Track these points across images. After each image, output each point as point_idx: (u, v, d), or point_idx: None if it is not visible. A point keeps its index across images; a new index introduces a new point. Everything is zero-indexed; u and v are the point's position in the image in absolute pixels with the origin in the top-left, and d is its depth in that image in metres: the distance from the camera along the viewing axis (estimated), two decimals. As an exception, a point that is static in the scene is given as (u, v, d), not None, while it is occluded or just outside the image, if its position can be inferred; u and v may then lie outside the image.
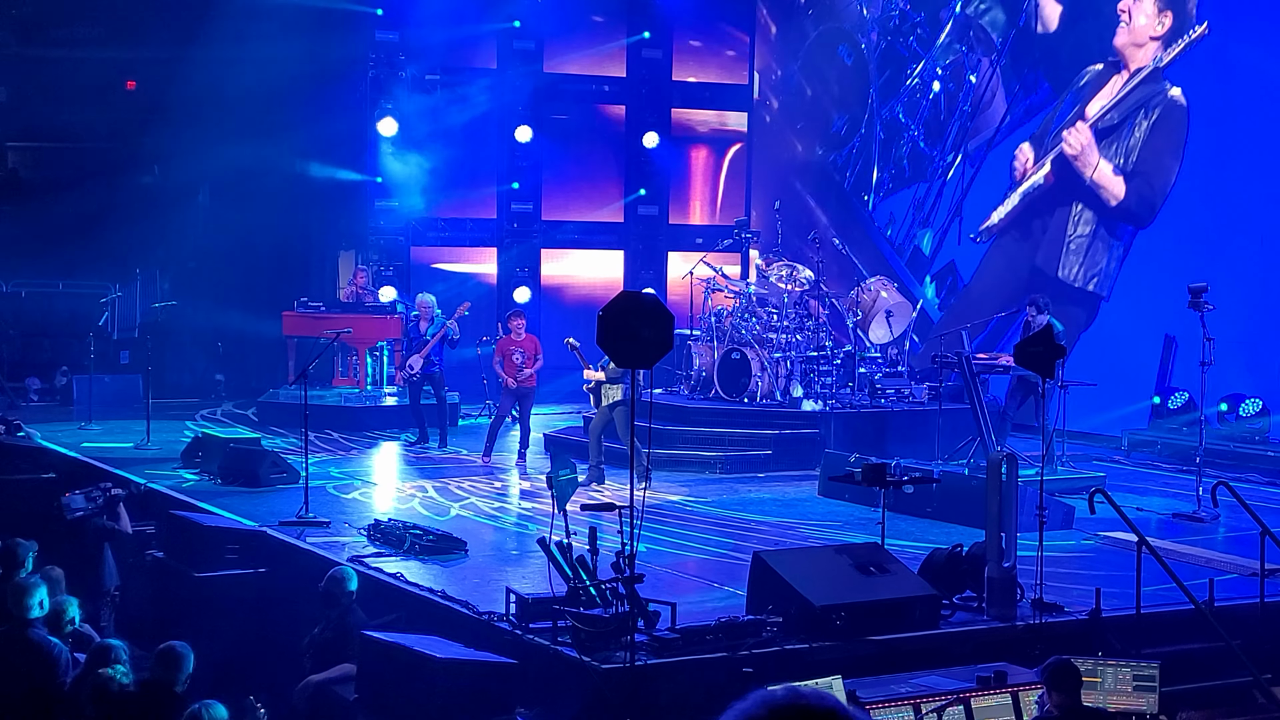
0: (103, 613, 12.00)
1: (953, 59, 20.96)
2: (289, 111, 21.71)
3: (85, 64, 25.98)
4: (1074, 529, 12.88)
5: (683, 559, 11.77)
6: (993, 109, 20.29)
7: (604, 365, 14.99)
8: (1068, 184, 19.11)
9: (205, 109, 21.99)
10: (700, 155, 25.00)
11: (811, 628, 9.15)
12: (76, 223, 24.62)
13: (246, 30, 21.50)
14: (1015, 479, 10.16)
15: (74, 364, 21.43)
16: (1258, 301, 16.68)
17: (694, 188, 25.12)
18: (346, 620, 9.89)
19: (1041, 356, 10.32)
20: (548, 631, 9.12)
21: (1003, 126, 20.12)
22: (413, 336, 17.87)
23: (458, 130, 22.16)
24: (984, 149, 20.41)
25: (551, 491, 9.97)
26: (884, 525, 10.59)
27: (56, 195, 26.20)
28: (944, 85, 21.04)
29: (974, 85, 20.55)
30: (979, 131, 20.50)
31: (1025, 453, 13.36)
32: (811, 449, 16.11)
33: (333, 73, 22.14)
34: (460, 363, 20.13)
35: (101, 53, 25.92)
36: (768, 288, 17.72)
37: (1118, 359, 18.10)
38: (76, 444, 16.88)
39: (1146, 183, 18.23)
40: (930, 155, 21.33)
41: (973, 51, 20.57)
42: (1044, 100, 19.63)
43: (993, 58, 20.25)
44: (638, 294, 9.02)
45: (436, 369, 17.51)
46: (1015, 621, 9.74)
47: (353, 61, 22.33)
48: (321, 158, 22.27)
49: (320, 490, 14.03)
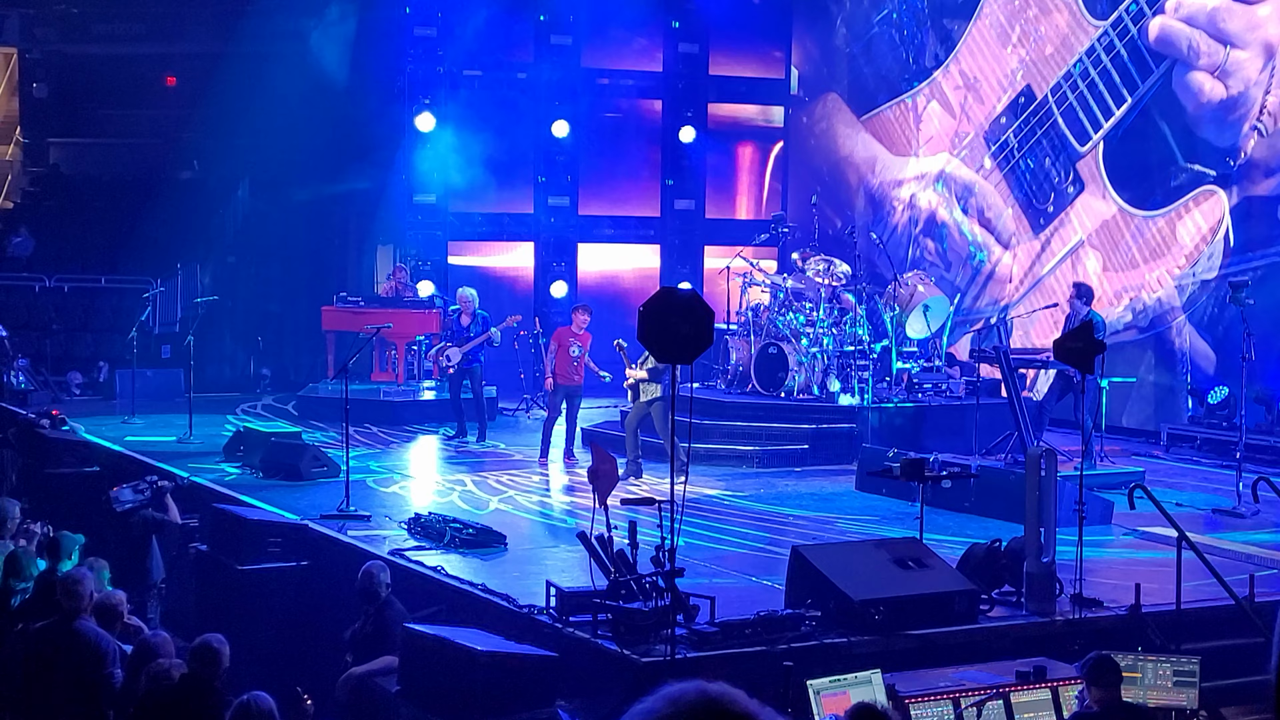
0: (149, 604, 12.13)
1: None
2: (328, 107, 21.82)
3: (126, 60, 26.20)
4: (1113, 524, 12.84)
5: (721, 553, 11.80)
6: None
7: (643, 363, 15.05)
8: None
9: (245, 104, 22.13)
10: (737, 150, 24.99)
11: (850, 622, 9.18)
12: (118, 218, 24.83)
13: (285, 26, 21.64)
14: (1054, 474, 10.15)
15: (115, 358, 21.60)
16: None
17: (730, 182, 25.12)
18: (385, 614, 9.97)
19: (1081, 352, 10.30)
20: (588, 625, 9.16)
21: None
22: (454, 329, 17.98)
23: (495, 125, 22.21)
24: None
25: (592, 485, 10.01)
26: (922, 520, 10.59)
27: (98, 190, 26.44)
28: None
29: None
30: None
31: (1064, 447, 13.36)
32: (848, 443, 16.10)
33: (371, 68, 22.24)
34: (499, 357, 20.21)
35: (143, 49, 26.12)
36: (804, 282, 17.72)
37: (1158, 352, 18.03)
38: (120, 438, 17.01)
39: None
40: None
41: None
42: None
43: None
44: (678, 290, 9.06)
45: (476, 364, 17.63)
46: (1054, 616, 9.74)
47: (391, 57, 22.42)
48: (360, 152, 22.38)
49: (360, 484, 14.10)
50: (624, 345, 15.54)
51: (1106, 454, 15.69)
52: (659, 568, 9.07)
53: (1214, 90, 17.10)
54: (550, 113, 22.95)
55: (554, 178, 23.53)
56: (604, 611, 9.09)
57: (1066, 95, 18.98)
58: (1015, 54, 19.92)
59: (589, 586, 9.39)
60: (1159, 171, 17.91)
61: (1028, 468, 10.16)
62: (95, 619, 8.72)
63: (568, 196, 23.68)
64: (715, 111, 24.57)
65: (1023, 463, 11.14)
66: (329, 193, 22.60)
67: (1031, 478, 10.02)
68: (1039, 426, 15.26)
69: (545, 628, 9.39)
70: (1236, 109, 16.97)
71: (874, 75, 22.59)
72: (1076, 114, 18.83)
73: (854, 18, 23.01)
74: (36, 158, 28.17)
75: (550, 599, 9.56)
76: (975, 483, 12.93)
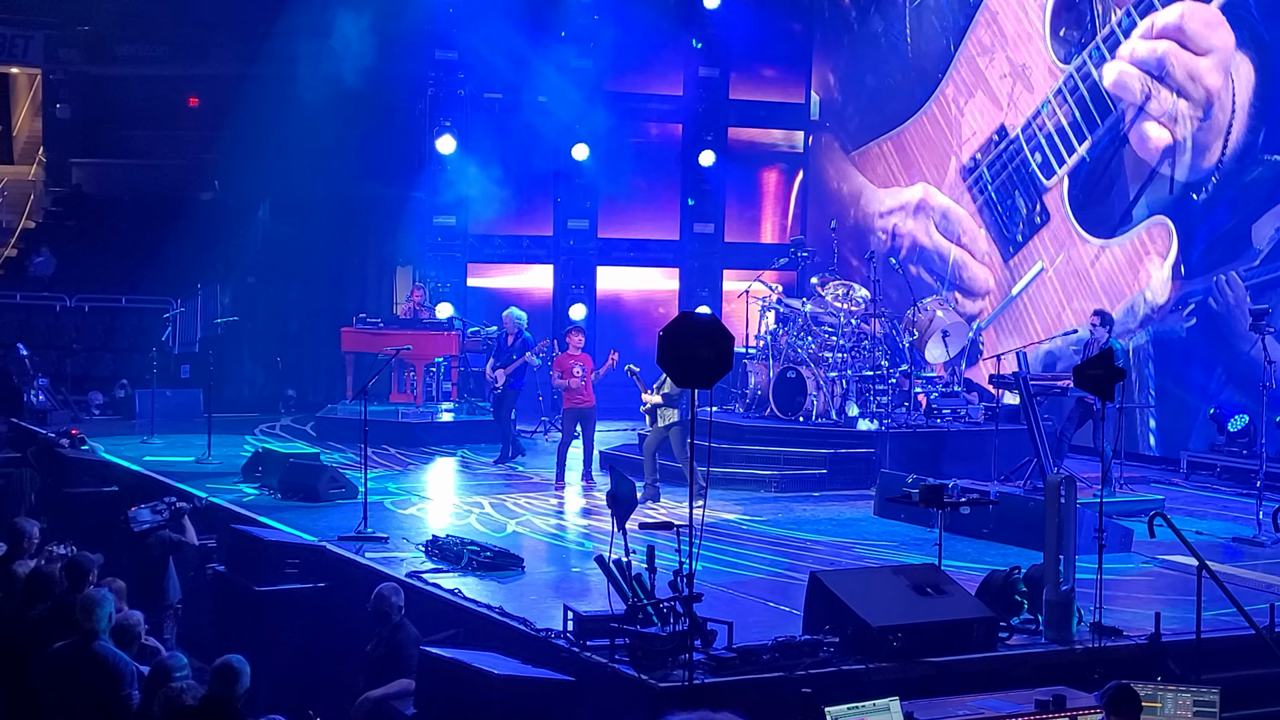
0: (166, 625, 12.13)
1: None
2: (349, 128, 21.89)
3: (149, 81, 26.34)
4: (1133, 552, 12.78)
5: (739, 578, 11.77)
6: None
7: (658, 387, 15.06)
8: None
9: (267, 126, 22.22)
10: (756, 174, 25.02)
11: (868, 648, 9.14)
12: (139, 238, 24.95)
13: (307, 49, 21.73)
14: (1074, 501, 10.10)
15: (135, 378, 21.67)
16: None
17: (750, 207, 25.16)
18: (398, 636, 9.95)
19: (1101, 379, 10.27)
20: (605, 649, 9.13)
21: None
22: (500, 349, 17.91)
23: (515, 148, 22.26)
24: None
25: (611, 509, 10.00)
26: (941, 546, 10.55)
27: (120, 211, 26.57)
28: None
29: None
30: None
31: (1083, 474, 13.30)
32: (867, 468, 16.06)
33: (393, 90, 22.32)
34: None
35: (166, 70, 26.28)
36: (824, 307, 17.71)
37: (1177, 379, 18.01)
38: (139, 457, 17.03)
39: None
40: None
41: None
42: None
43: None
44: (698, 314, 9.04)
45: (517, 388, 17.63)
46: (1074, 645, 9.69)
47: (412, 79, 22.50)
48: (380, 174, 22.47)
49: (378, 505, 14.08)
50: (636, 371, 15.55)
51: (1126, 481, 15.63)
52: (677, 592, 9.05)
53: (1159, 137, 17.99)
54: (570, 136, 22.99)
55: (573, 200, 23.58)
56: (621, 636, 9.06)
57: (1035, 134, 19.63)
58: (992, 94, 20.38)
59: (607, 611, 9.37)
60: (1118, 203, 18.62)
61: (1047, 494, 10.12)
62: (113, 640, 8.73)
63: (587, 219, 23.72)
64: (735, 136, 24.62)
65: (1042, 489, 11.09)
66: (349, 214, 22.66)
67: (1051, 505, 9.97)
68: (1059, 453, 15.21)
69: (562, 652, 9.36)
70: (1182, 153, 17.79)
71: (869, 110, 22.85)
72: (1044, 151, 19.49)
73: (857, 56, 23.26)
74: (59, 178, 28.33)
75: (568, 623, 9.54)
76: (994, 509, 12.88)
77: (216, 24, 25.64)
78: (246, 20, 24.38)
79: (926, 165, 21.66)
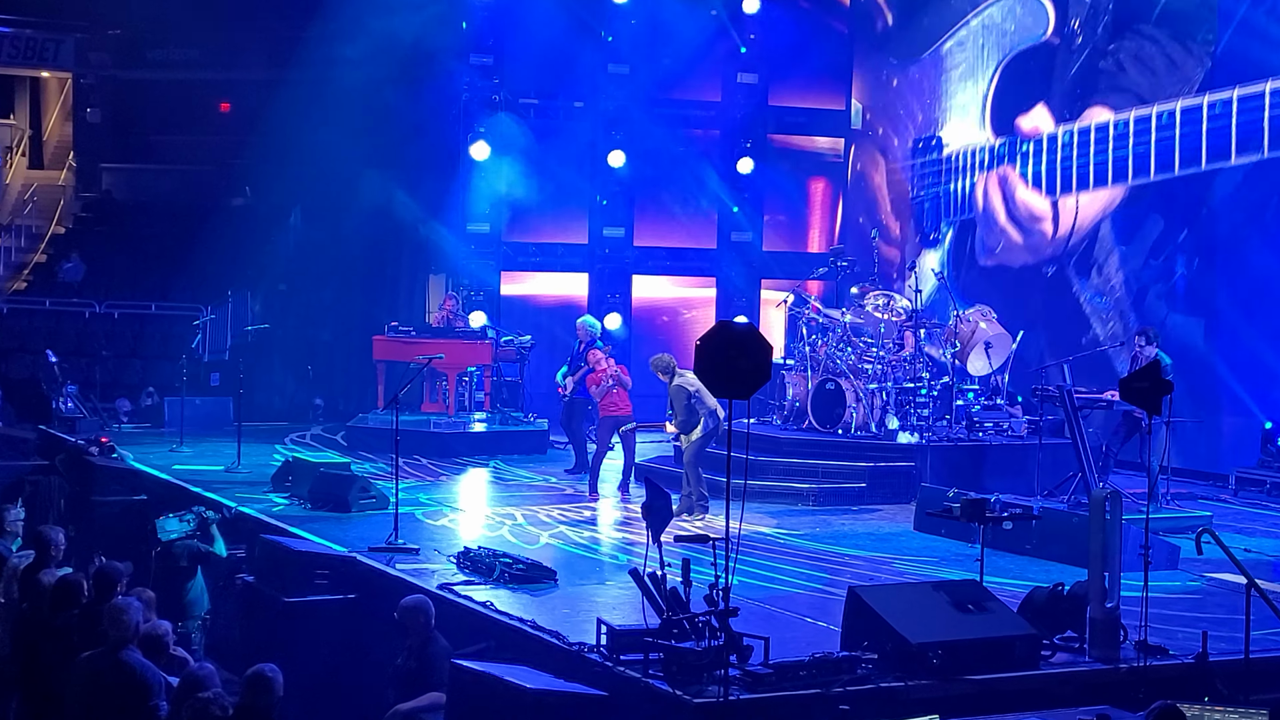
0: (194, 636, 12.20)
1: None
2: (381, 134, 21.99)
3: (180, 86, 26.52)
4: (1179, 569, 12.71)
5: (776, 593, 11.76)
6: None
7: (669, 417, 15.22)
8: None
9: (298, 131, 22.33)
10: (795, 182, 24.97)
11: (908, 665, 9.11)
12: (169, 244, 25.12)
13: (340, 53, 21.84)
14: (1119, 516, 10.06)
15: (164, 386, 21.82)
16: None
17: (789, 215, 25.13)
18: (428, 649, 9.95)
19: (1148, 392, 10.22)
20: (639, 664, 9.12)
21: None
22: (574, 358, 18.02)
23: (550, 154, 22.32)
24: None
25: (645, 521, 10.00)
26: (982, 562, 10.52)
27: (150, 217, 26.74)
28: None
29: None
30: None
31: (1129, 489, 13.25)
32: (907, 482, 16.04)
33: (426, 96, 22.40)
34: (547, 389, 20.23)
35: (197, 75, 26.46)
36: (863, 317, 17.68)
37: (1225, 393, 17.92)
38: (168, 466, 17.14)
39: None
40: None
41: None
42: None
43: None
44: (736, 324, 9.05)
45: (583, 396, 17.69)
46: (1118, 664, 9.64)
47: (447, 84, 22.58)
48: (413, 180, 22.53)
49: (409, 516, 14.12)
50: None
51: (1173, 497, 15.56)
52: (712, 607, 9.04)
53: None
54: (607, 142, 23.04)
55: (609, 208, 23.61)
56: (656, 650, 9.05)
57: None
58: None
59: (641, 625, 9.35)
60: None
61: (1092, 510, 10.08)
62: (141, 650, 8.77)
63: (623, 227, 23.76)
64: (774, 143, 24.61)
65: (1086, 505, 11.05)
66: (382, 221, 22.77)
67: (1096, 520, 9.94)
68: (1104, 468, 15.15)
69: (596, 666, 9.36)
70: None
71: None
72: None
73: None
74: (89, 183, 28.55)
75: (601, 637, 9.53)
76: (1037, 525, 12.83)
77: (248, 28, 25.80)
78: (278, 24, 24.54)
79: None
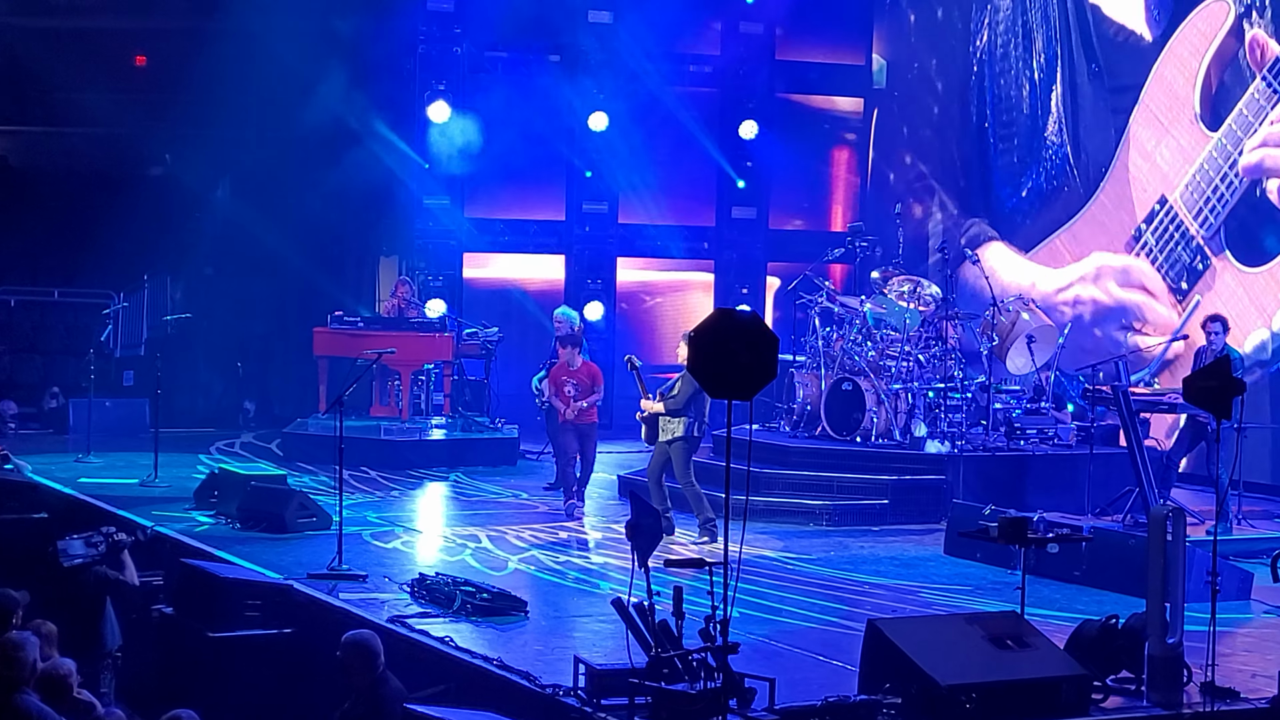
0: (103, 676, 12.17)
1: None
2: (324, 94, 21.95)
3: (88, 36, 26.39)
4: (1252, 599, 12.77)
5: (782, 626, 11.79)
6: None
7: (664, 393, 15.03)
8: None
9: (226, 90, 22.27)
10: (807, 149, 24.91)
11: (936, 711, 9.15)
12: (75, 220, 24.99)
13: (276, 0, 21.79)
14: (1183, 538, 10.09)
15: (69, 385, 21.78)
16: None
17: (799, 188, 25.12)
18: (377, 692, 9.96)
19: (1216, 393, 10.24)
20: (623, 709, 9.16)
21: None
22: (551, 358, 17.96)
23: (522, 116, 22.32)
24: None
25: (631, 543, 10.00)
26: (1024, 591, 10.55)
27: (52, 188, 26.59)
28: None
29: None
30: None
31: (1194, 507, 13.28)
32: (936, 499, 16.12)
33: (376, 49, 22.38)
34: (517, 390, 20.23)
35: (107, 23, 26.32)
36: (886, 306, 17.70)
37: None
38: (73, 479, 17.16)
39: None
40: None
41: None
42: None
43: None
44: (736, 312, 9.06)
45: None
46: (1181, 709, 9.68)
47: (399, 35, 22.56)
48: (361, 147, 22.49)
49: (356, 538, 14.16)
50: (637, 363, 15.55)
51: (1244, 516, 15.60)
52: (709, 642, 9.06)
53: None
54: (587, 103, 23.03)
55: (591, 180, 23.59)
56: (643, 694, 9.09)
57: (1194, 198, 19.82)
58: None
59: (625, 664, 9.38)
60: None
61: (1151, 531, 10.11)
62: (39, 693, 8.75)
63: (606, 202, 23.77)
64: (783, 103, 24.58)
65: (1145, 525, 11.08)
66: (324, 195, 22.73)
67: (1155, 543, 9.96)
68: (1165, 482, 15.18)
69: (572, 712, 9.40)
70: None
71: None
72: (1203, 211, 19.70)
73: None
74: (-21, 149, 28.45)
75: (579, 678, 9.56)
76: (1087, 548, 12.89)
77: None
78: (204, -36, 24.44)
79: (1098, 240, 21.70)
